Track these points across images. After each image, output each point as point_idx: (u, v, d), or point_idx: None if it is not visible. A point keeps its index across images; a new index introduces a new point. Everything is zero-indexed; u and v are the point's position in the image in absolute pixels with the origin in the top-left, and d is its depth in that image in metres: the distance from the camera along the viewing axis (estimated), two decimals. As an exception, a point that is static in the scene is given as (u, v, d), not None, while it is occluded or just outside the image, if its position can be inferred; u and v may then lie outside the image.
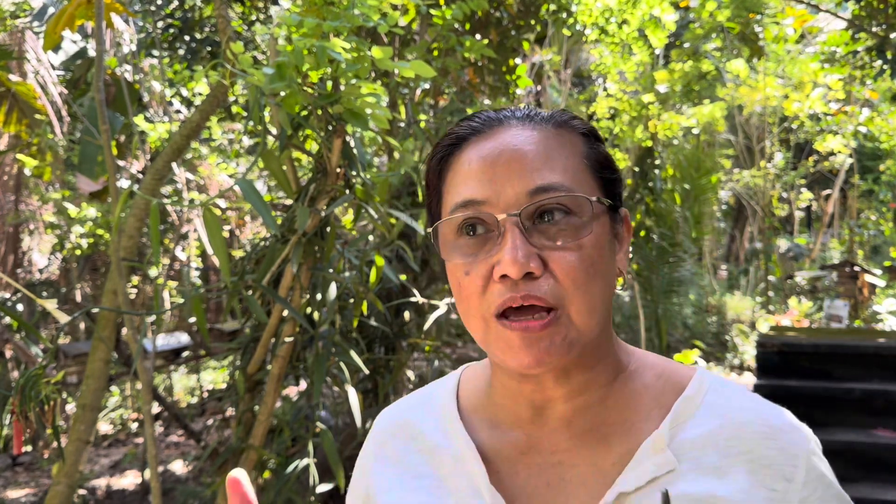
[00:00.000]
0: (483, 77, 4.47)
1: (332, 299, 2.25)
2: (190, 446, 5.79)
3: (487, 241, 0.64)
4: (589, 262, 0.63)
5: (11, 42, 4.71)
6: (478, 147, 0.67)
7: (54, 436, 1.82)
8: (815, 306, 8.45)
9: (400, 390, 3.59)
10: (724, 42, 8.33)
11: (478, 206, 0.64)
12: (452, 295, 0.71)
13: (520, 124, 0.68)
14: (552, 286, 0.62)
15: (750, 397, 0.69)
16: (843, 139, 9.37)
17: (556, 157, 0.66)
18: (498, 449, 0.72)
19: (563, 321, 0.62)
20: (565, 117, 0.70)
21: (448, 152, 0.71)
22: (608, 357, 0.70)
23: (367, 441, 0.84)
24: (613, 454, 0.67)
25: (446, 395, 0.79)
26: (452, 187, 0.68)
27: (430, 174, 0.73)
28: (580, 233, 0.63)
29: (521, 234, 0.62)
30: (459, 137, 0.70)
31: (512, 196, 0.63)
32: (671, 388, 0.70)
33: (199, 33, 6.23)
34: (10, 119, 3.98)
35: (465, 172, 0.67)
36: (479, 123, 0.70)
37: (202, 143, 6.01)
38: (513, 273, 0.61)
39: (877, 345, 4.39)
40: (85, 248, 6.18)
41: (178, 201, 4.95)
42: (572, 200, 0.64)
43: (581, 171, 0.66)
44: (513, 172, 0.64)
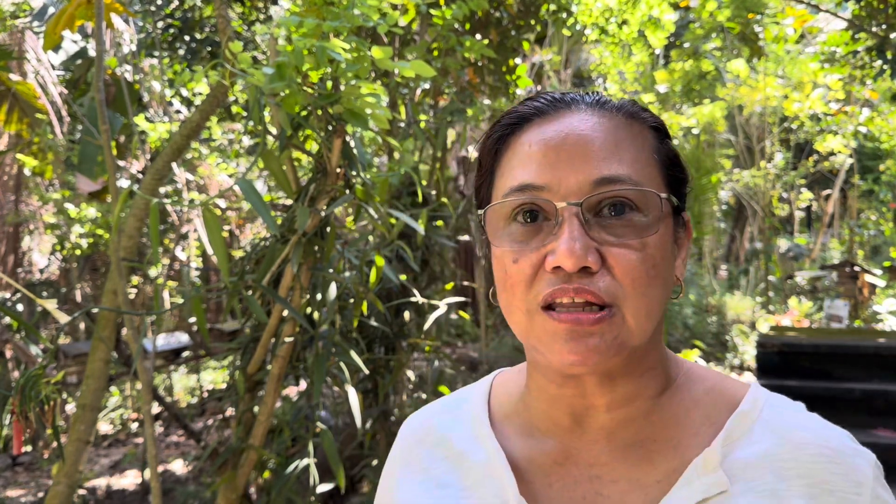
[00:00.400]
0: (483, 77, 4.47)
1: (332, 299, 2.25)
2: (190, 446, 5.79)
3: (542, 230, 0.60)
4: (651, 262, 0.59)
5: (11, 42, 4.71)
6: (541, 129, 0.63)
7: (54, 436, 1.82)
8: (816, 306, 8.45)
9: (400, 390, 3.59)
10: (724, 42, 8.33)
11: (536, 192, 0.60)
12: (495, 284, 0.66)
13: (589, 110, 0.64)
14: (609, 283, 0.58)
15: (808, 416, 0.65)
16: (843, 139, 9.37)
17: (626, 148, 0.61)
18: (531, 458, 0.68)
19: (616, 321, 0.58)
20: (637, 108, 0.66)
21: (507, 132, 0.66)
22: (657, 367, 0.66)
23: (395, 446, 0.80)
24: (658, 471, 0.63)
25: (477, 401, 0.75)
26: (509, 170, 0.64)
27: (485, 154, 0.68)
28: (645, 231, 0.59)
29: (581, 226, 0.58)
30: (522, 117, 0.65)
31: (574, 184, 0.59)
32: (723, 403, 0.66)
33: (199, 33, 6.23)
34: (10, 118, 3.98)
35: (525, 155, 0.62)
36: (545, 104, 0.65)
37: (202, 143, 6.01)
38: (568, 265, 0.56)
39: (877, 345, 4.39)
40: (85, 248, 6.18)
41: (178, 201, 4.95)
42: (640, 195, 0.60)
43: (650, 166, 0.62)
44: (577, 159, 0.60)
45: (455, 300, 3.20)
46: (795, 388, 4.19)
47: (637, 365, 0.64)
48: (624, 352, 0.59)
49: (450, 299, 3.17)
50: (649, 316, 0.60)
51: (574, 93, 0.66)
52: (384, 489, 0.78)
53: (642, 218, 0.60)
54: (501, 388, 0.76)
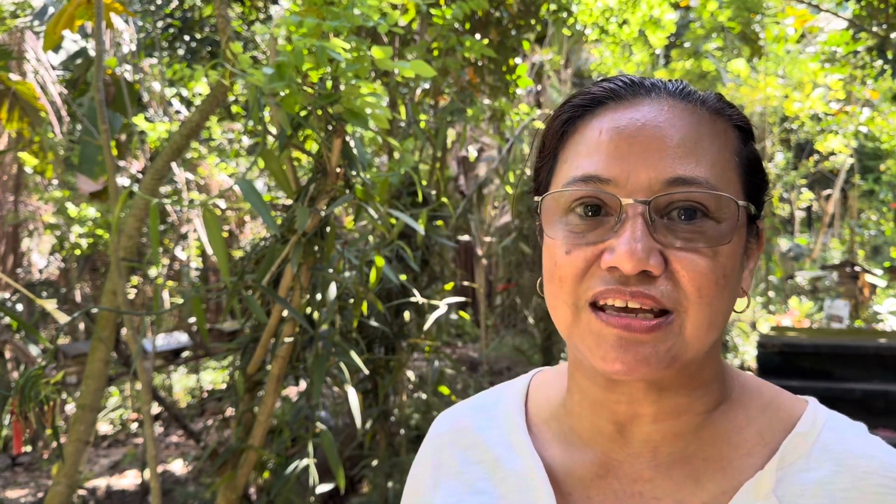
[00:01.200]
0: (483, 77, 4.47)
1: (332, 299, 2.25)
2: (190, 446, 5.79)
3: (602, 225, 0.55)
4: (721, 272, 0.54)
5: (11, 42, 4.71)
6: (615, 115, 0.57)
7: (54, 436, 1.81)
8: (816, 306, 8.44)
9: (400, 390, 3.58)
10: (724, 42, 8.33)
11: (601, 185, 0.55)
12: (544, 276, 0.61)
13: (670, 99, 0.58)
14: (670, 289, 0.53)
15: (872, 442, 0.60)
16: (843, 139, 9.36)
17: (706, 147, 0.56)
18: (570, 469, 0.63)
19: (674, 329, 0.54)
20: (723, 103, 0.60)
21: (577, 114, 0.60)
22: (712, 383, 0.61)
23: (424, 446, 0.76)
24: (704, 493, 0.59)
25: (514, 403, 0.71)
26: (574, 156, 0.58)
27: (550, 135, 0.62)
28: (718, 240, 0.54)
29: (645, 226, 0.53)
30: (595, 99, 0.59)
31: (644, 180, 0.54)
32: (779, 422, 0.61)
33: (199, 33, 6.23)
34: (11, 118, 3.98)
35: (594, 142, 0.57)
36: (622, 87, 0.59)
37: (202, 143, 6.01)
38: (627, 267, 0.52)
39: (877, 345, 4.39)
40: (84, 248, 6.18)
41: (178, 201, 4.95)
42: (715, 201, 0.54)
43: (730, 170, 0.57)
44: (651, 154, 0.54)
45: (455, 300, 3.20)
46: (796, 388, 4.16)
47: (690, 378, 0.60)
48: (676, 364, 0.55)
49: (450, 299, 3.17)
50: (711, 327, 0.55)
51: (655, 78, 0.61)
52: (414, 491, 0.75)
53: (715, 225, 0.55)
54: (540, 391, 0.71)
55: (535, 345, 6.99)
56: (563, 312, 0.58)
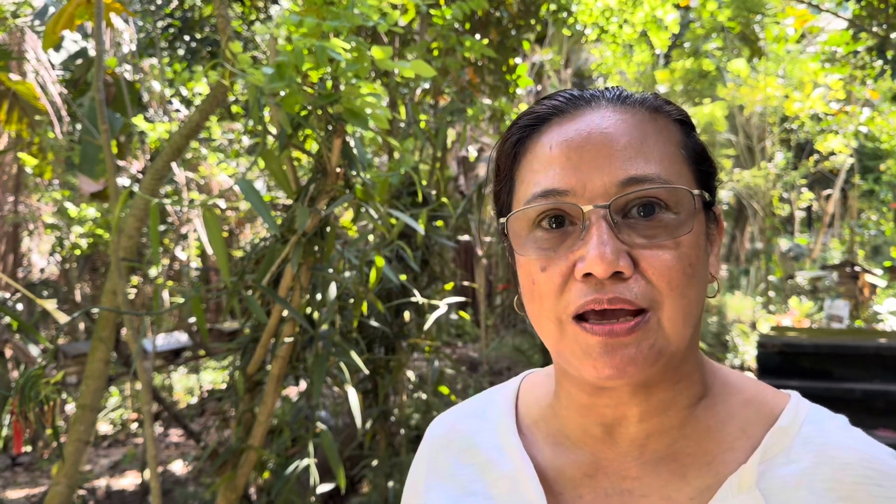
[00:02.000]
0: (483, 77, 4.47)
1: (332, 299, 2.25)
2: (189, 446, 5.79)
3: (569, 236, 0.57)
4: (686, 262, 0.56)
5: (11, 42, 4.71)
6: (561, 129, 0.60)
7: (54, 436, 1.81)
8: (816, 306, 8.44)
9: (400, 390, 3.58)
10: (724, 42, 8.33)
11: (560, 197, 0.57)
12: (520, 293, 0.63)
13: (610, 106, 0.60)
14: (643, 287, 0.55)
15: (853, 434, 0.61)
16: (843, 139, 9.37)
17: (652, 144, 0.58)
18: (560, 469, 0.65)
19: (652, 326, 0.56)
20: (660, 101, 0.62)
21: (525, 134, 0.63)
22: (693, 375, 0.63)
23: (420, 450, 0.78)
24: (690, 488, 0.60)
25: (504, 405, 0.73)
26: (529, 174, 0.61)
27: (503, 158, 0.65)
28: (678, 230, 0.56)
29: (610, 229, 0.55)
30: (539, 118, 0.62)
31: (600, 186, 0.56)
32: (761, 417, 0.63)
33: (199, 33, 6.23)
34: (10, 118, 3.98)
35: (546, 158, 0.59)
36: (563, 102, 0.62)
37: (202, 143, 6.01)
38: (599, 271, 0.54)
39: (878, 345, 4.39)
40: (84, 248, 6.18)
41: (178, 201, 4.95)
42: (670, 193, 0.57)
43: (678, 162, 0.59)
44: (602, 159, 0.57)
45: (455, 300, 3.19)
46: (796, 388, 4.16)
47: (673, 372, 0.61)
48: (662, 359, 0.57)
49: (450, 299, 3.17)
50: (687, 318, 0.57)
51: (594, 89, 0.63)
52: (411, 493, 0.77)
53: (674, 216, 0.57)
54: (530, 393, 0.73)
55: (535, 345, 7.00)
56: (548, 328, 0.59)
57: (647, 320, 0.56)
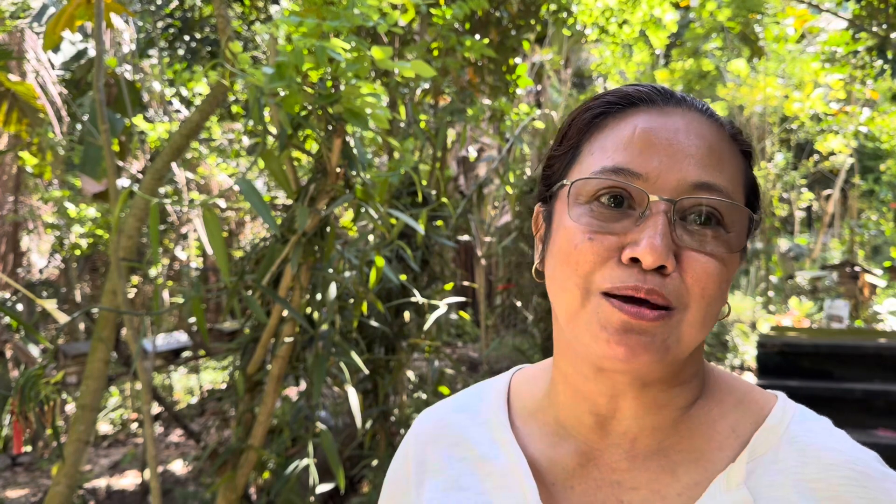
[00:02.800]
0: (483, 77, 4.47)
1: (332, 299, 2.25)
2: (189, 446, 5.79)
3: (626, 217, 0.58)
4: (725, 277, 0.58)
5: (11, 42, 4.71)
6: (650, 117, 0.60)
7: (54, 436, 1.81)
8: (816, 306, 8.44)
9: (400, 390, 3.58)
10: (724, 42, 8.33)
11: (631, 178, 0.58)
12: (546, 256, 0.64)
13: (699, 115, 0.62)
14: (677, 286, 0.56)
15: (837, 436, 0.63)
16: (843, 139, 9.37)
17: (727, 162, 0.60)
18: (553, 460, 0.67)
19: (672, 322, 0.57)
20: (737, 129, 0.64)
21: (608, 110, 0.63)
22: (692, 380, 0.65)
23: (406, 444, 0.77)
24: (679, 484, 0.62)
25: (496, 400, 0.73)
26: (602, 149, 0.61)
27: (574, 126, 0.65)
28: (731, 247, 0.58)
29: (668, 224, 0.56)
30: (629, 100, 0.62)
31: (673, 181, 0.57)
32: (750, 416, 0.64)
33: (199, 33, 6.23)
34: (10, 119, 3.98)
35: (627, 138, 0.60)
36: (656, 93, 0.62)
37: (202, 143, 6.01)
38: (648, 261, 0.55)
39: (878, 345, 4.38)
40: (84, 248, 6.18)
41: (178, 201, 4.95)
42: (732, 210, 0.58)
43: (740, 189, 0.61)
44: (681, 157, 0.58)
45: (455, 300, 3.19)
46: (796, 388, 4.19)
47: (673, 376, 0.63)
48: (668, 356, 0.58)
49: (450, 299, 3.17)
50: (704, 326, 0.59)
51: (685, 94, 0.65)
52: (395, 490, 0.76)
53: (726, 234, 0.58)
54: (523, 387, 0.74)
55: (535, 345, 6.99)
56: (571, 296, 0.59)
57: (671, 316, 0.57)
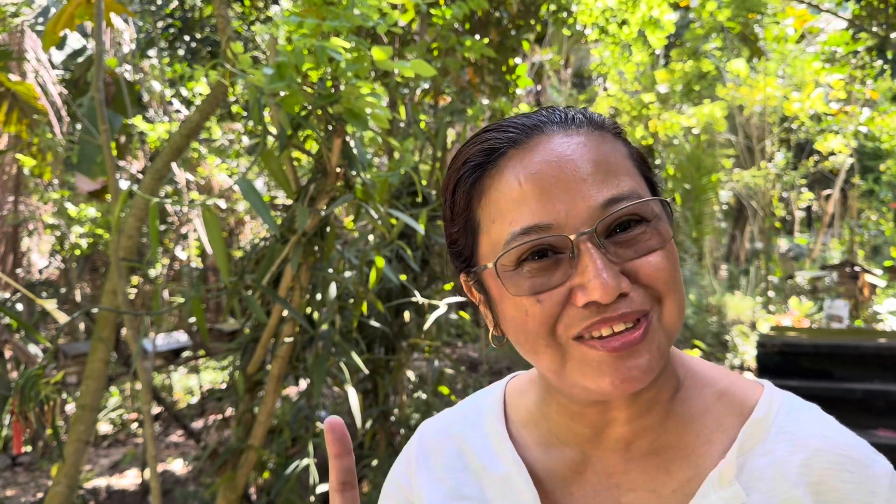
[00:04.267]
0: (483, 77, 4.47)
1: (332, 299, 2.25)
2: (189, 446, 5.79)
3: (560, 264, 0.57)
4: (672, 259, 0.59)
5: (11, 42, 4.71)
6: (523, 162, 0.58)
7: (54, 436, 1.81)
8: (816, 306, 8.44)
9: (400, 390, 3.58)
10: (724, 42, 8.33)
11: (544, 231, 0.56)
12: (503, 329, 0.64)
13: (562, 130, 0.60)
14: (642, 295, 0.57)
15: (824, 422, 0.63)
16: (843, 139, 9.37)
17: (613, 162, 0.59)
18: (551, 468, 0.68)
19: (654, 325, 0.57)
20: (599, 119, 0.63)
21: (481, 173, 0.61)
22: (668, 368, 0.64)
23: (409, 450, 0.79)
24: (674, 481, 0.63)
25: (493, 410, 0.74)
26: (500, 214, 0.59)
27: (459, 202, 0.62)
28: (661, 237, 0.58)
29: (601, 254, 0.55)
30: (493, 152, 0.60)
31: (582, 212, 0.56)
32: (734, 409, 0.65)
33: (199, 33, 6.23)
34: (9, 119, 3.97)
35: (518, 194, 0.58)
36: (516, 133, 0.60)
37: (202, 143, 6.00)
38: (604, 299, 0.54)
39: (878, 345, 4.38)
40: (84, 248, 6.18)
41: (178, 201, 4.95)
42: (645, 207, 0.58)
43: (636, 174, 0.61)
44: (576, 187, 0.57)
45: (455, 300, 3.19)
46: (796, 388, 4.16)
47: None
48: (664, 359, 0.58)
49: (450, 299, 3.17)
50: (682, 308, 0.59)
51: (535, 113, 0.62)
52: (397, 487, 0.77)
53: (650, 225, 0.58)
54: (518, 399, 0.75)
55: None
56: (548, 358, 0.59)
57: (650, 320, 0.57)
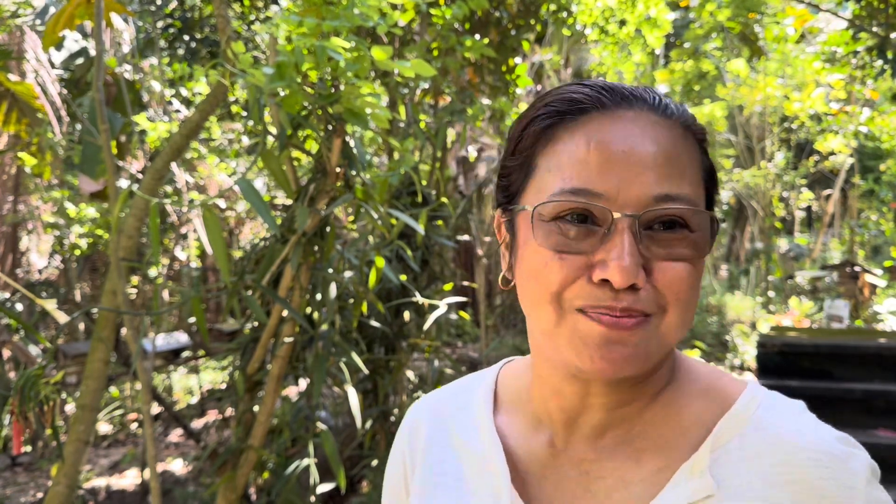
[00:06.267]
0: (483, 77, 4.47)
1: (332, 299, 2.25)
2: (189, 447, 5.79)
3: (592, 234, 0.57)
4: (696, 276, 0.59)
5: (11, 42, 4.71)
6: (601, 127, 0.59)
7: (54, 436, 1.81)
8: (816, 306, 8.44)
9: (400, 390, 3.58)
10: (724, 42, 8.33)
11: (592, 198, 0.57)
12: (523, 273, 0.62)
13: (652, 113, 0.60)
14: (652, 295, 0.57)
15: (803, 418, 0.62)
16: (843, 139, 9.36)
17: (684, 164, 0.59)
18: (530, 450, 0.69)
19: (650, 328, 0.58)
20: (691, 118, 0.63)
21: (557, 120, 0.61)
22: (662, 369, 0.65)
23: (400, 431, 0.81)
24: (643, 471, 0.63)
25: (483, 391, 0.76)
26: (559, 167, 0.59)
27: (526, 137, 0.63)
28: (697, 252, 0.58)
29: (634, 240, 0.56)
30: (578, 106, 0.60)
31: (634, 196, 0.57)
32: (716, 404, 0.64)
33: (199, 33, 6.23)
34: (9, 119, 3.97)
35: (583, 155, 0.58)
36: (606, 97, 0.60)
37: (202, 143, 6.00)
38: (619, 282, 0.55)
39: (878, 345, 4.38)
40: (84, 248, 6.18)
41: (178, 201, 4.95)
42: (695, 216, 0.58)
43: (700, 184, 0.61)
44: (640, 170, 0.57)
45: (455, 300, 3.19)
46: (796, 388, 4.19)
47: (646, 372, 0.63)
48: (650, 363, 0.59)
49: (450, 299, 3.17)
50: (685, 325, 0.59)
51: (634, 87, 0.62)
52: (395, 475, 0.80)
53: (694, 236, 0.58)
54: (510, 381, 0.76)
55: (535, 345, 6.97)
56: (546, 313, 0.60)
57: (649, 322, 0.58)
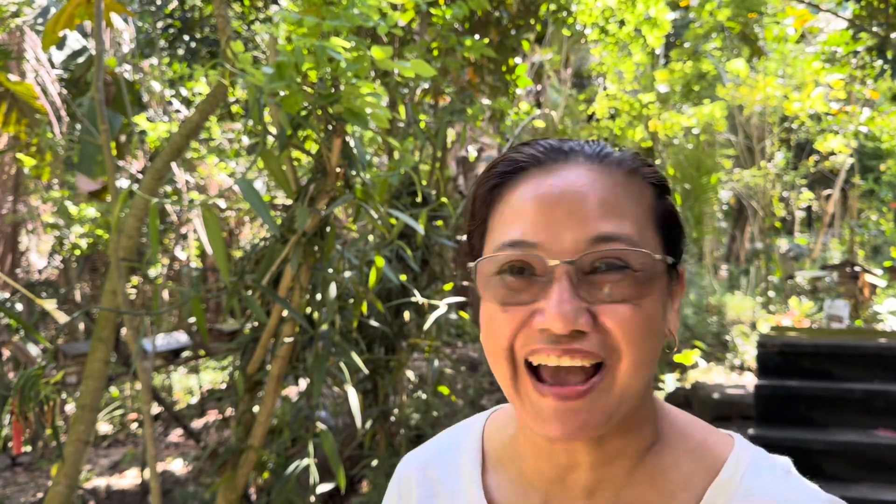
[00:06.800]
0: (483, 77, 4.47)
1: (332, 299, 2.25)
2: (189, 447, 5.79)
3: (533, 285, 0.59)
4: (646, 319, 0.58)
5: (11, 42, 4.70)
6: (536, 182, 0.61)
7: (54, 436, 1.81)
8: (816, 306, 8.44)
9: (400, 390, 3.58)
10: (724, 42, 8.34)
11: (528, 249, 0.59)
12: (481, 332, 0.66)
13: (587, 163, 0.62)
14: (600, 340, 0.57)
15: (793, 484, 0.63)
16: (843, 139, 9.36)
17: (623, 206, 0.60)
18: None
19: (607, 380, 0.57)
20: (637, 163, 0.64)
21: (502, 181, 0.64)
22: (644, 425, 0.65)
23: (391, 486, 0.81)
24: None
25: (470, 446, 0.76)
26: (501, 223, 0.62)
27: (478, 202, 0.66)
28: (640, 291, 0.58)
29: (570, 286, 0.56)
30: (517, 166, 0.63)
31: (570, 242, 0.57)
32: (703, 468, 0.64)
33: (199, 33, 6.23)
34: (9, 119, 3.97)
35: (519, 209, 0.61)
36: (542, 154, 0.63)
37: (202, 143, 6.00)
38: (557, 328, 0.55)
39: (878, 345, 4.38)
40: (84, 248, 6.18)
41: (178, 201, 4.95)
42: (635, 255, 0.58)
43: (646, 226, 0.61)
44: (573, 216, 0.58)
45: (455, 300, 3.19)
46: (796, 388, 4.19)
47: (623, 421, 0.62)
48: (613, 419, 0.59)
49: (450, 299, 3.17)
50: (641, 371, 0.59)
51: (574, 141, 0.65)
52: None
53: (637, 277, 0.58)
54: (496, 434, 0.76)
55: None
56: (503, 369, 0.61)
57: (602, 377, 0.57)
